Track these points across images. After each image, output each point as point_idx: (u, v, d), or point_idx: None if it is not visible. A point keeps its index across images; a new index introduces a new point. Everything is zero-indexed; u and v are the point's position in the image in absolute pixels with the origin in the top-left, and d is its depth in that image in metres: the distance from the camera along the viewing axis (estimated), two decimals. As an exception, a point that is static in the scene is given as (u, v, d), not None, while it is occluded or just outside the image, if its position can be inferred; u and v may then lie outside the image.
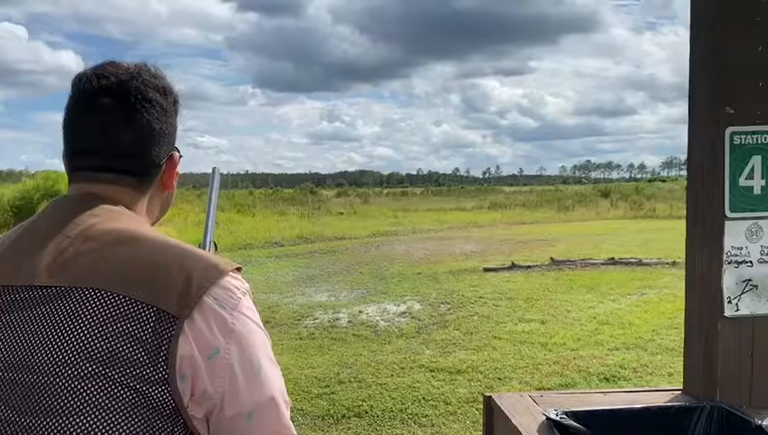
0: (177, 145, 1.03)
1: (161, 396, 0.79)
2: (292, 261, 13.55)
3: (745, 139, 1.51)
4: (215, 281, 0.85)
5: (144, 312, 0.80)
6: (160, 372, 0.79)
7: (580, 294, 8.96)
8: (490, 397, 1.65)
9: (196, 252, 0.90)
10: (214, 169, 1.44)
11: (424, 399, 4.91)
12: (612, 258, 11.77)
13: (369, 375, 5.49)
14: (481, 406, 3.92)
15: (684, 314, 1.68)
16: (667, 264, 11.15)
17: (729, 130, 1.51)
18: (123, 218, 0.91)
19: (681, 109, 1.67)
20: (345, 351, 6.33)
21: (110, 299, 0.81)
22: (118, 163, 0.94)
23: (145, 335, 0.79)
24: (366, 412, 4.69)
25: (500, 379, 5.36)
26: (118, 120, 0.93)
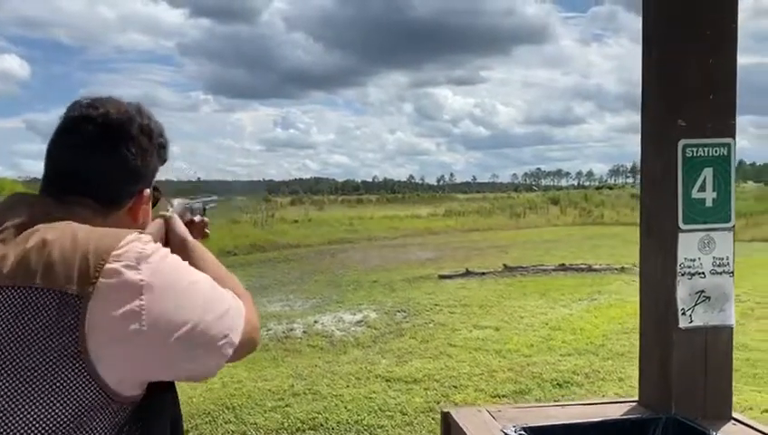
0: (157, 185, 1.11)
1: (76, 378, 0.81)
2: (245, 270, 13.30)
3: (697, 151, 1.53)
4: (113, 246, 0.87)
5: (46, 298, 0.82)
6: (71, 355, 0.81)
7: (532, 300, 9.09)
8: (447, 413, 1.61)
9: (92, 228, 0.92)
10: None
11: (380, 410, 4.85)
12: (563, 264, 12.01)
13: (324, 387, 5.40)
14: (437, 415, 3.90)
15: (639, 325, 1.69)
16: (616, 269, 11.45)
17: (681, 142, 1.53)
18: (36, 217, 0.93)
19: (626, 118, 1.68)
20: (300, 362, 6.23)
21: (12, 294, 0.83)
22: (84, 187, 0.99)
23: (50, 321, 0.81)
24: (321, 425, 4.60)
25: (455, 387, 5.35)
26: (94, 149, 0.99)
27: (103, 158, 0.99)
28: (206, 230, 1.36)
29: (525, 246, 17.13)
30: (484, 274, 11.46)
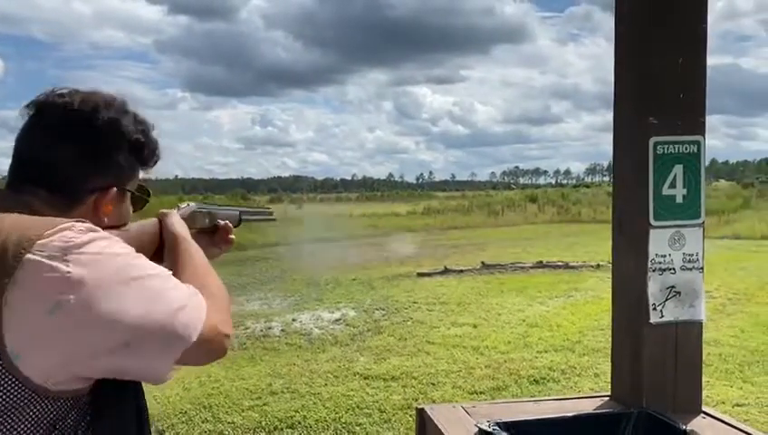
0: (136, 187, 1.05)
1: (4, 382, 0.77)
2: (222, 269, 12.99)
3: (668, 148, 1.55)
4: (39, 235, 0.80)
5: None
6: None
7: (510, 297, 9.16)
8: (422, 409, 1.62)
9: (25, 216, 0.85)
10: None
11: (358, 407, 4.85)
12: (540, 262, 12.12)
13: (302, 385, 5.39)
14: (414, 412, 3.90)
15: (611, 321, 1.71)
16: (592, 266, 11.58)
17: (653, 139, 1.55)
18: None
19: (603, 117, 1.71)
20: (278, 360, 6.20)
21: None
22: (39, 177, 0.93)
23: None
24: (299, 423, 4.59)
25: (433, 384, 5.37)
26: (52, 136, 0.94)
27: (60, 147, 0.94)
28: (231, 237, 1.32)
29: (503, 243, 17.25)
30: (462, 271, 11.51)
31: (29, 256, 0.79)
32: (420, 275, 11.30)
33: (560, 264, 11.99)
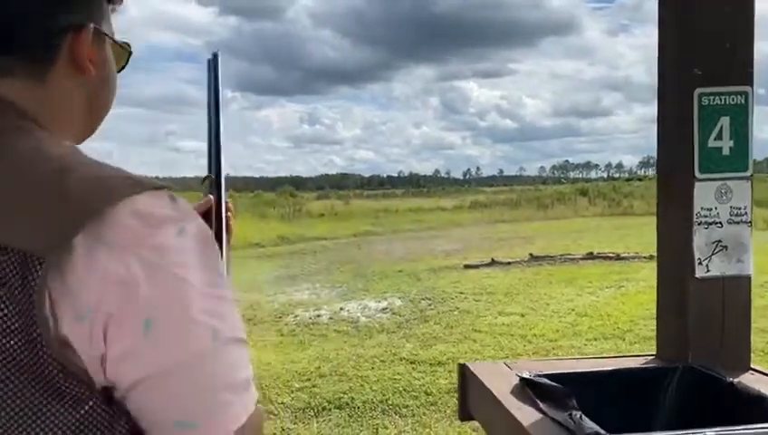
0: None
1: (41, 368, 0.55)
2: (272, 261, 13.46)
3: (713, 100, 1.52)
4: (104, 206, 0.57)
5: (4, 259, 0.54)
6: (33, 338, 0.54)
7: (559, 287, 9.02)
8: (464, 365, 1.64)
9: (92, 165, 0.61)
10: (210, 59, 0.98)
11: (405, 390, 4.90)
12: (591, 253, 11.87)
13: (349, 368, 5.47)
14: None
15: (656, 278, 1.69)
16: (645, 258, 11.25)
17: (698, 91, 1.52)
18: None
19: (656, 108, 1.68)
20: (326, 346, 6.30)
21: None
22: None
23: (10, 293, 0.54)
24: (347, 404, 4.67)
25: (480, 370, 5.37)
26: None
27: None
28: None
29: (552, 236, 16.96)
30: (509, 263, 11.40)
31: (82, 237, 0.57)
32: (467, 266, 11.25)
33: (611, 255, 11.71)
